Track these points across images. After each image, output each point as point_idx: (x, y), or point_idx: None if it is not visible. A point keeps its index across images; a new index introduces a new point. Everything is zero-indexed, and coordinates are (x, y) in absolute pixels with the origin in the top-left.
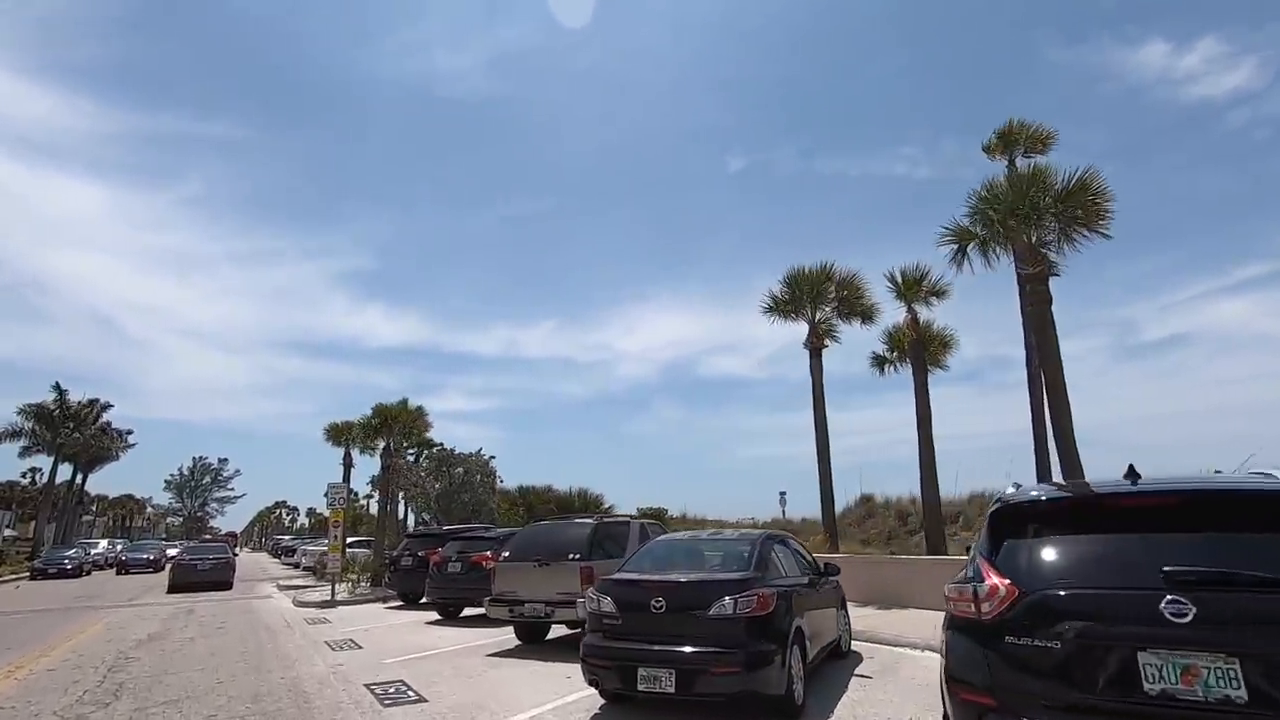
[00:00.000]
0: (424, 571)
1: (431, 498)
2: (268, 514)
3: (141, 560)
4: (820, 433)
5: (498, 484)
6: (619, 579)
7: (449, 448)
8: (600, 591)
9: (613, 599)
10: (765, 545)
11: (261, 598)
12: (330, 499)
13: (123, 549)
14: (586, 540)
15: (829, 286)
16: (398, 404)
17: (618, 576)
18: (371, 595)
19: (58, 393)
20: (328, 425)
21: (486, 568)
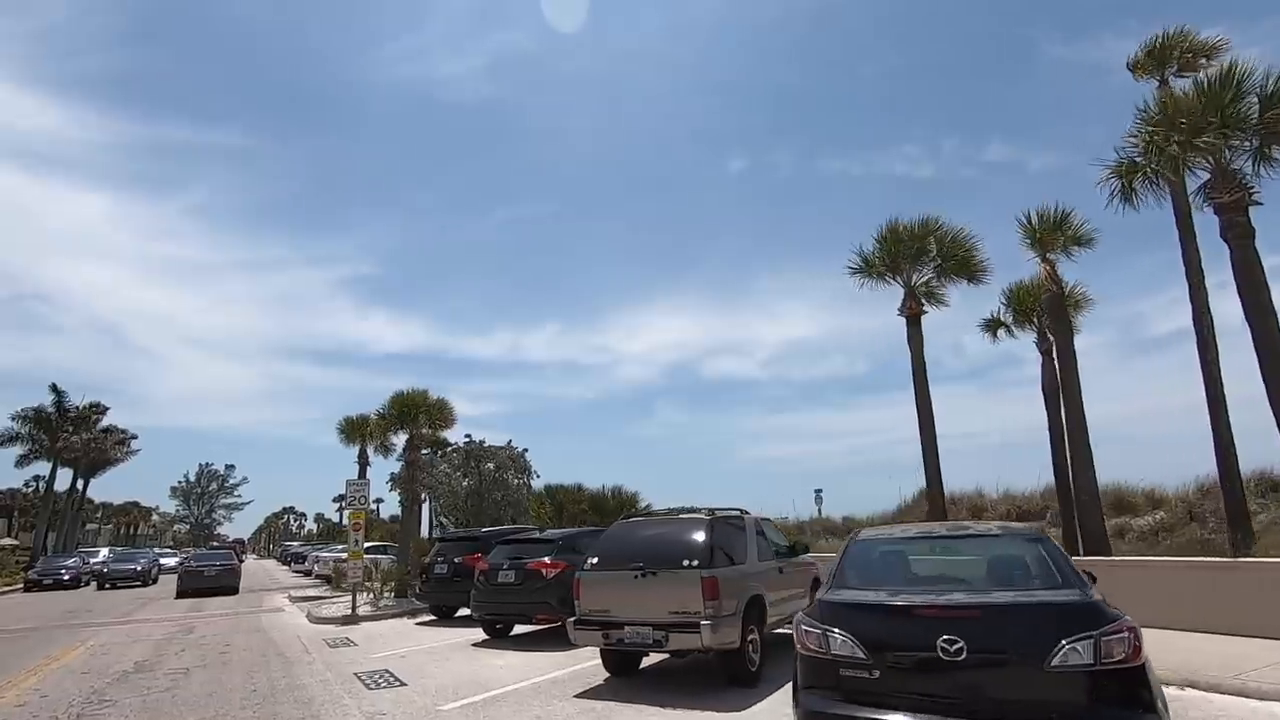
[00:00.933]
0: (462, 581)
1: (460, 496)
2: (275, 520)
3: (126, 572)
4: (923, 410)
5: (533, 480)
6: (859, 603)
7: (477, 440)
8: (824, 621)
9: (855, 634)
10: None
11: (272, 611)
12: (350, 498)
13: (105, 558)
14: (704, 543)
15: (929, 243)
16: (418, 392)
17: (855, 599)
18: (397, 608)
19: (55, 395)
20: (342, 420)
21: (547, 576)
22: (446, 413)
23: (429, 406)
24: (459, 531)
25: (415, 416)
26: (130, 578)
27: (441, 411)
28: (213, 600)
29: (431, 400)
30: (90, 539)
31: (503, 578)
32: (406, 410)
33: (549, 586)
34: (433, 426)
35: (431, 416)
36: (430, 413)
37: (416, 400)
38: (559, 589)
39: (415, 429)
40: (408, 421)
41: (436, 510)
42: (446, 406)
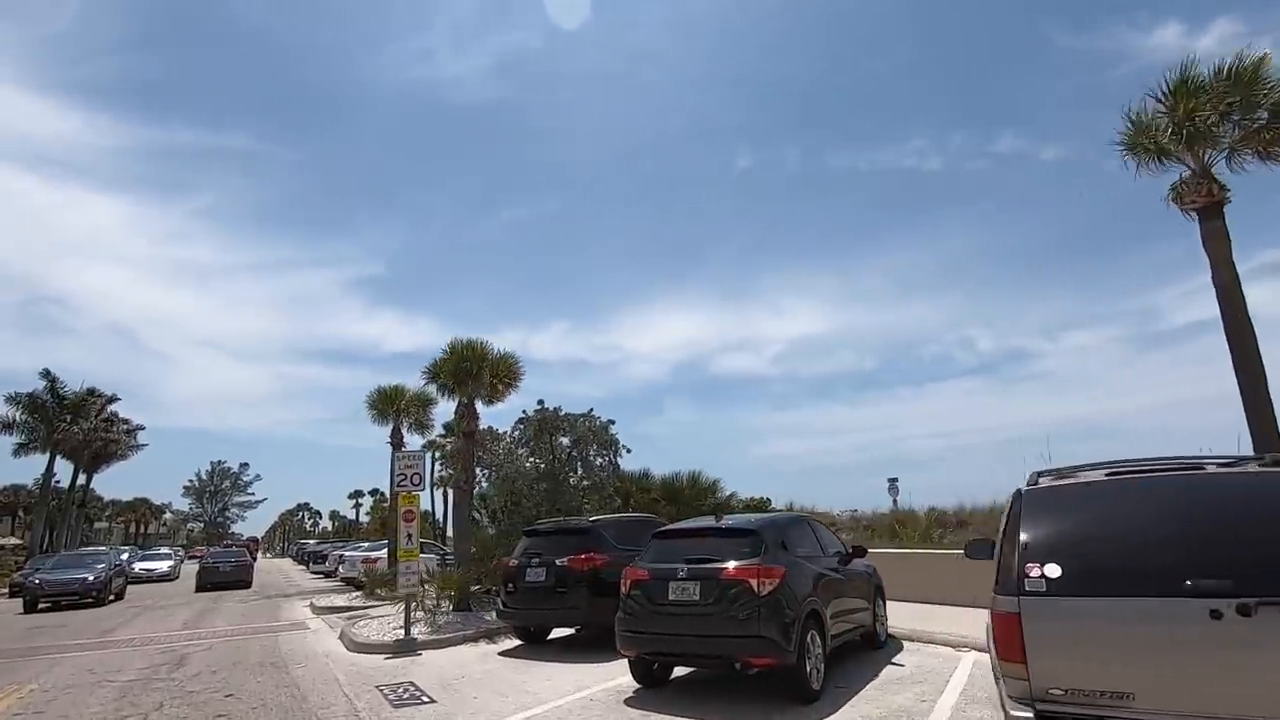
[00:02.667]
0: (569, 593)
1: (529, 479)
2: (289, 517)
3: (64, 586)
4: (1243, 346)
5: (621, 457)
6: None
7: (552, 406)
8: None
9: None
10: None
11: (292, 627)
12: (400, 474)
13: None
14: None
15: (1259, 90)
16: (478, 344)
17: None
18: (463, 627)
19: (48, 381)
20: (373, 393)
21: (762, 592)
22: (513, 369)
23: (493, 362)
24: (554, 521)
25: (476, 374)
26: (70, 594)
27: (508, 369)
28: (218, 609)
29: (494, 354)
30: (101, 537)
31: (682, 592)
32: (465, 365)
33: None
34: (495, 388)
35: (497, 374)
36: (496, 370)
37: (476, 352)
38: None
39: (473, 391)
40: (466, 380)
41: (479, 498)
42: (513, 362)
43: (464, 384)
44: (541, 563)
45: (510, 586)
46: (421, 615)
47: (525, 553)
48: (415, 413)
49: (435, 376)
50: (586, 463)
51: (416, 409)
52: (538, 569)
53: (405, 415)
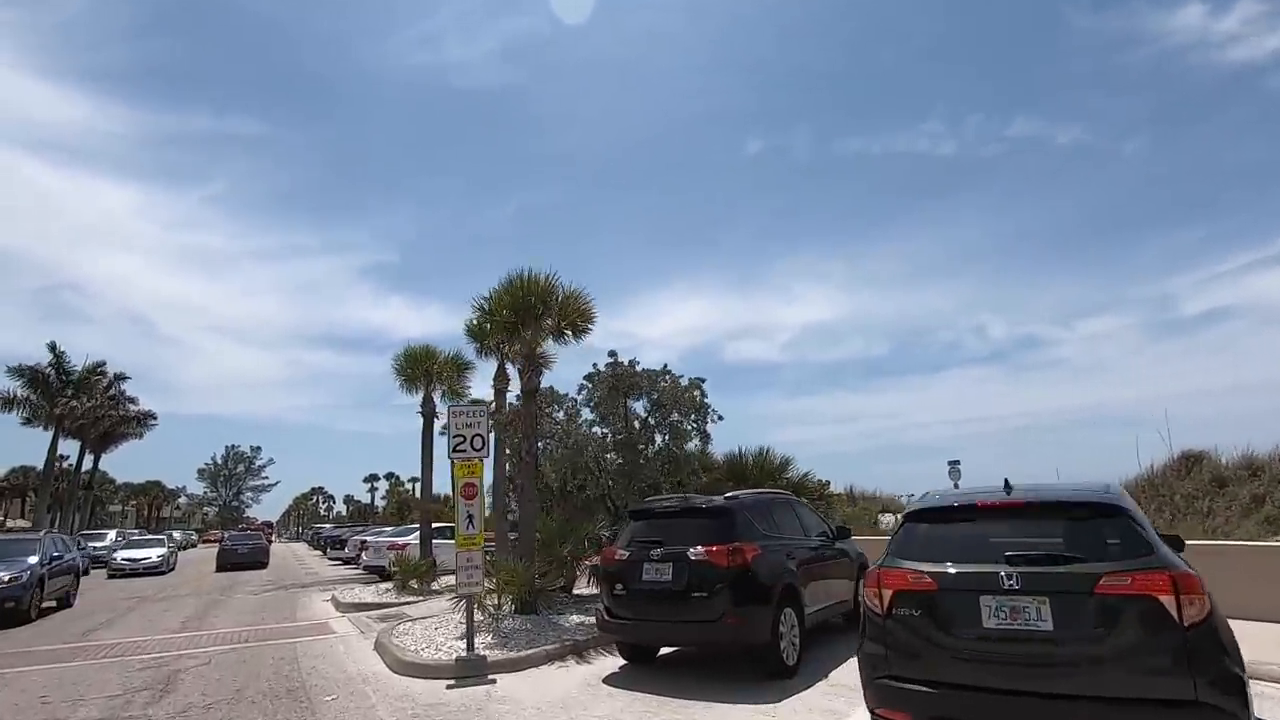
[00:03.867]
0: (708, 599)
1: (601, 451)
2: (304, 501)
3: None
4: None
5: (712, 424)
6: None
7: (625, 360)
8: None
9: None
10: None
11: (315, 630)
12: (458, 433)
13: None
14: None
15: None
16: (540, 278)
17: None
18: (534, 635)
19: (53, 354)
20: (400, 357)
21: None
22: (585, 310)
23: (563, 299)
24: (678, 498)
25: (540, 313)
26: None
27: (578, 308)
28: (226, 603)
29: (562, 288)
30: (115, 521)
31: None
32: (527, 302)
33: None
34: (562, 332)
35: (566, 314)
36: (565, 309)
37: (540, 286)
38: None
39: (535, 337)
40: (527, 321)
41: (552, 471)
42: (584, 301)
43: (524, 327)
44: (666, 556)
45: (619, 588)
46: (479, 619)
47: (637, 542)
48: (449, 378)
49: (490, 317)
50: (674, 430)
51: (450, 374)
52: (660, 564)
53: (438, 380)
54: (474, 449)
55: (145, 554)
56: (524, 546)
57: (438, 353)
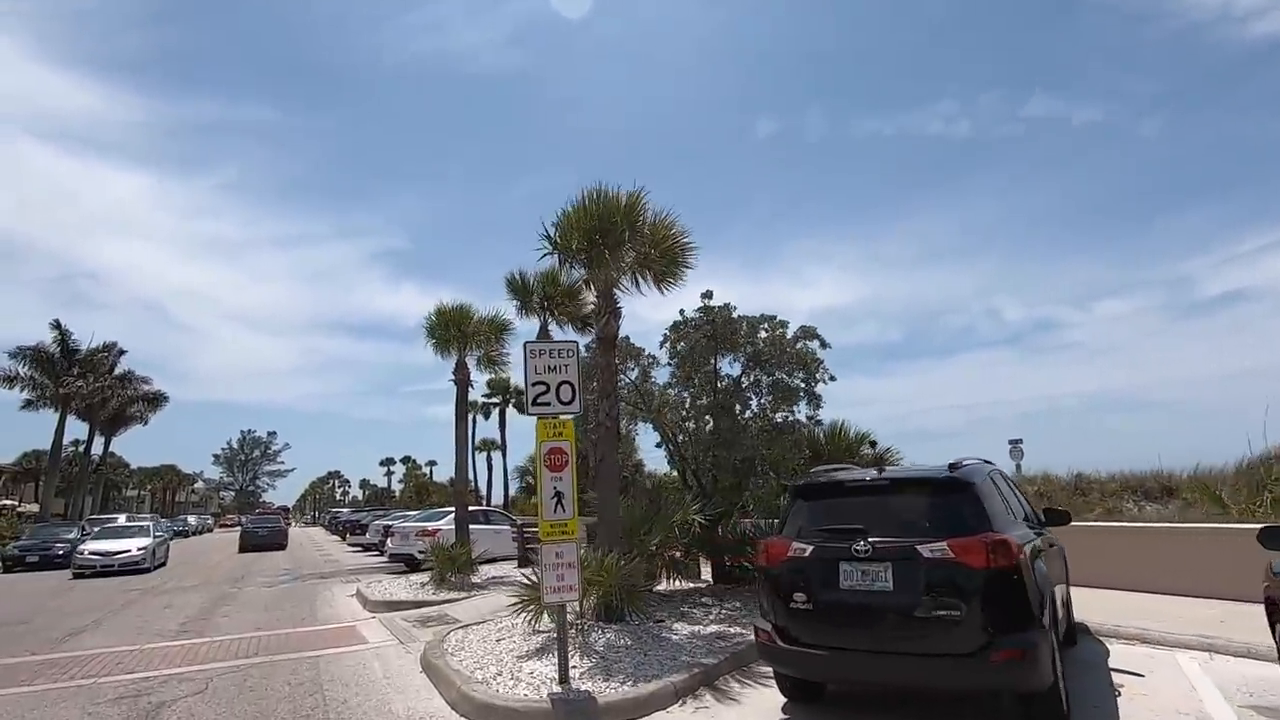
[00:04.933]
0: (959, 620)
1: (693, 415)
2: (320, 485)
3: None
4: None
5: (823, 384)
6: None
7: (719, 305)
8: None
9: None
10: None
11: (340, 640)
12: (538, 379)
13: None
14: None
15: None
16: (620, 197)
17: None
18: (638, 656)
19: (58, 332)
20: (430, 317)
21: None
22: (680, 242)
23: (652, 225)
24: (881, 469)
25: (620, 241)
26: None
27: (669, 235)
28: (236, 598)
29: (650, 213)
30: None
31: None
32: (606, 224)
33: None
34: (650, 267)
35: (657, 243)
36: (655, 237)
37: (616, 206)
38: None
39: (615, 270)
40: (605, 250)
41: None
42: (676, 230)
43: (601, 257)
44: (880, 552)
45: (799, 599)
46: (550, 625)
47: (823, 530)
48: (486, 341)
49: (562, 243)
50: (778, 390)
51: (488, 335)
52: (869, 565)
53: (473, 344)
54: (561, 401)
55: (121, 547)
56: (606, 536)
57: (473, 312)
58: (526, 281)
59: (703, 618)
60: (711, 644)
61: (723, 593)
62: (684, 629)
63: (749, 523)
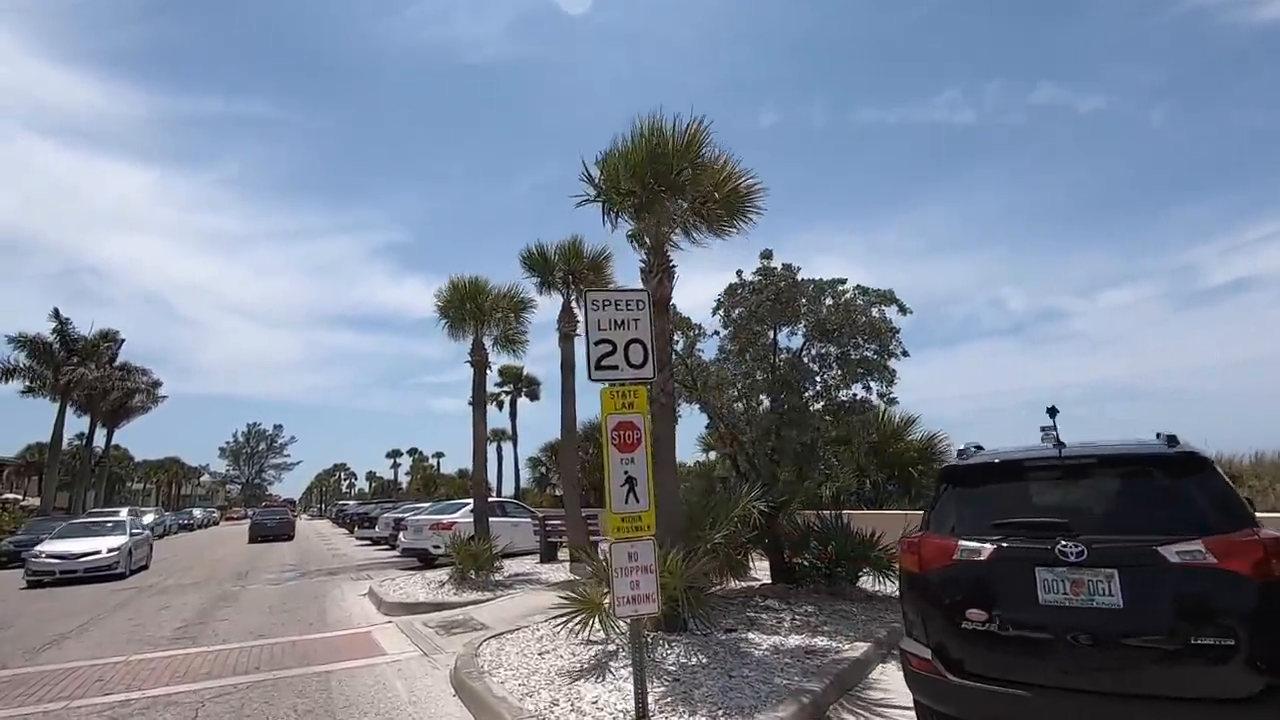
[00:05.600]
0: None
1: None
2: (326, 478)
3: None
4: None
5: (897, 359)
6: None
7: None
8: None
9: None
10: None
11: (352, 647)
12: (601, 337)
13: None
14: None
15: None
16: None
17: None
18: (721, 678)
19: (57, 321)
20: (443, 291)
21: None
22: (746, 183)
23: (713, 168)
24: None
25: (675, 183)
26: None
27: (730, 181)
28: (239, 598)
29: (711, 151)
30: (138, 499)
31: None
32: (660, 165)
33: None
34: (707, 212)
35: (719, 186)
36: (719, 179)
37: (677, 144)
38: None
39: (667, 217)
40: (662, 193)
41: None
42: (740, 172)
43: (658, 202)
44: (1099, 555)
45: (979, 617)
46: (600, 635)
47: (1008, 526)
48: (505, 319)
49: (608, 186)
50: (847, 363)
51: (506, 311)
52: (1086, 573)
53: (490, 321)
54: (631, 364)
55: (87, 547)
56: (664, 528)
57: (489, 287)
58: (546, 255)
59: (776, 625)
60: (802, 662)
61: (785, 594)
62: (762, 641)
63: (812, 514)
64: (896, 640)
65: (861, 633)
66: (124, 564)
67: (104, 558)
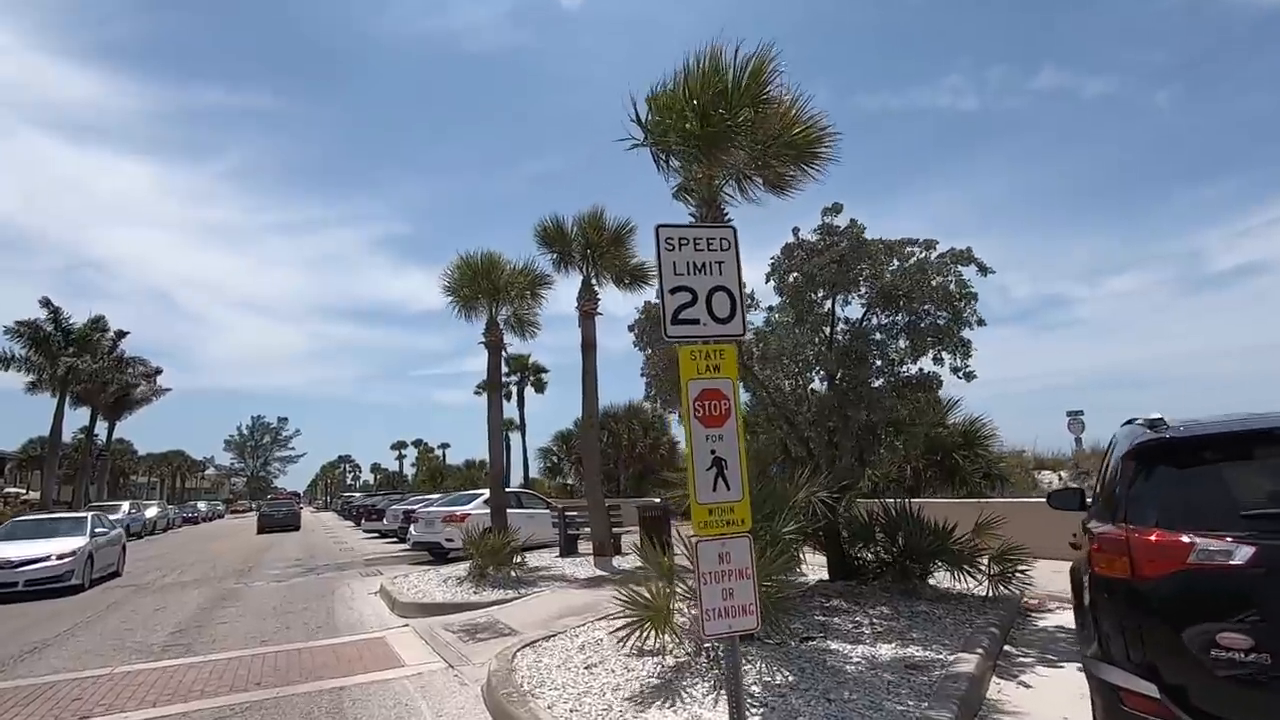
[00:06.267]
0: None
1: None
2: (331, 470)
3: None
4: None
5: (971, 329)
6: None
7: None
8: None
9: None
10: None
11: (365, 657)
12: (679, 283)
13: None
14: None
15: None
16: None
17: None
18: (805, 694)
19: (49, 310)
20: (456, 267)
21: None
22: (808, 124)
23: (783, 108)
24: None
25: (736, 126)
26: None
27: (796, 125)
28: (239, 596)
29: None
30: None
31: None
32: (719, 98)
33: None
34: (771, 159)
35: (786, 128)
36: (786, 119)
37: (734, 75)
38: None
39: (730, 157)
40: (734, 132)
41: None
42: (809, 114)
43: (724, 138)
44: None
45: (1241, 645)
46: (667, 643)
47: (1265, 520)
48: (520, 297)
49: (661, 123)
50: (920, 333)
51: (522, 287)
52: None
53: (504, 299)
54: (716, 317)
55: (34, 553)
56: None
57: (504, 263)
58: (564, 228)
59: (855, 632)
60: (908, 680)
61: (849, 593)
62: (849, 651)
63: (873, 504)
64: (999, 649)
65: (957, 639)
66: (81, 573)
67: (51, 566)
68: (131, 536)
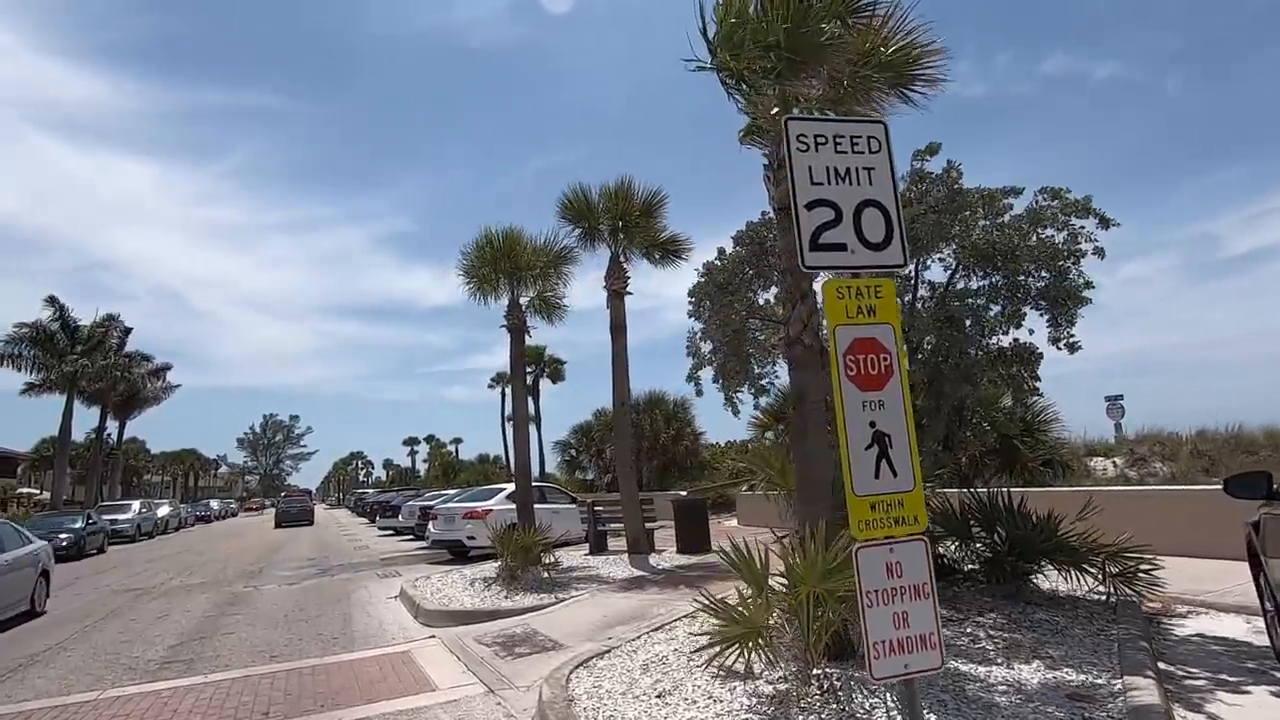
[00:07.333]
0: None
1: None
2: (343, 467)
3: None
4: None
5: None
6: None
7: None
8: None
9: None
10: None
11: (388, 676)
12: (812, 192)
13: None
14: None
15: None
16: None
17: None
18: None
19: (55, 309)
20: (473, 247)
21: None
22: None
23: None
24: None
25: (825, 41)
26: None
27: (893, 40)
28: (248, 600)
29: None
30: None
31: None
32: (803, 14)
33: None
34: (851, 92)
35: (885, 41)
36: (882, 35)
37: None
38: None
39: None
40: (829, 46)
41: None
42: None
43: (817, 53)
44: None
45: None
46: (753, 662)
47: None
48: (543, 276)
49: (735, 34)
50: (1019, 296)
51: (545, 266)
52: None
53: (526, 279)
54: (866, 241)
55: None
56: (807, 506)
57: (524, 240)
58: (590, 200)
59: (977, 649)
60: (1081, 717)
61: (942, 596)
62: (986, 675)
63: (962, 493)
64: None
65: (1104, 656)
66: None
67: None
68: (143, 536)
